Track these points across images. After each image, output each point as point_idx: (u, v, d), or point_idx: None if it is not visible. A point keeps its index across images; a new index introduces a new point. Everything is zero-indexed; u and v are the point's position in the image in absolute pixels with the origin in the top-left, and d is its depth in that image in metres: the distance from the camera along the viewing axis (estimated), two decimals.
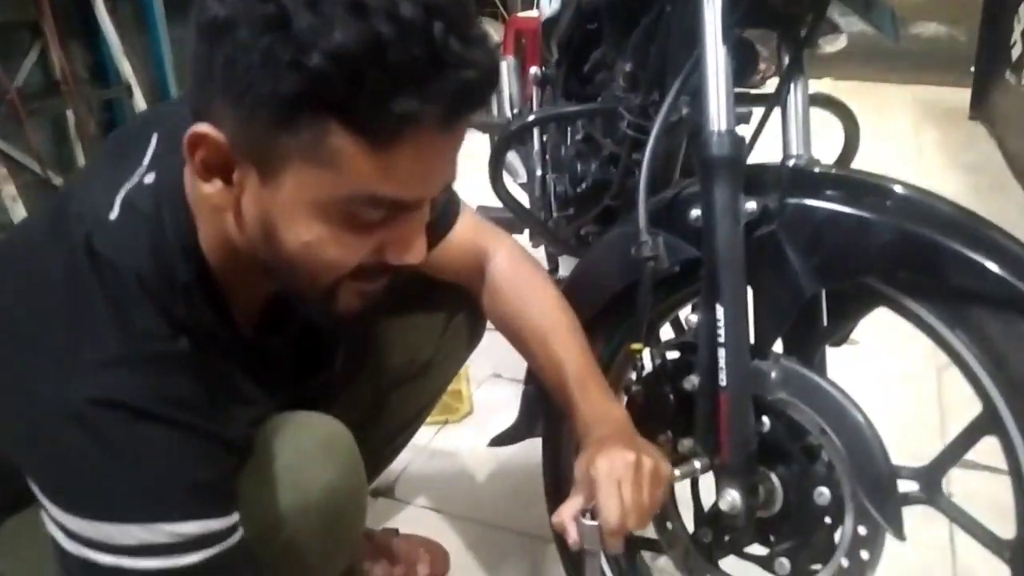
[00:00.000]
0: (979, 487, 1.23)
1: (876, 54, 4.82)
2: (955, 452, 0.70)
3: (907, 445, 0.70)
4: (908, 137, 3.51)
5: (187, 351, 0.63)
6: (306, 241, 0.59)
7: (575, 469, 0.72)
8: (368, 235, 0.60)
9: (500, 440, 1.06)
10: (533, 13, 1.84)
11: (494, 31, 3.85)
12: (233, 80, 0.53)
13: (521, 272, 0.91)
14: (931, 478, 0.71)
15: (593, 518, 0.67)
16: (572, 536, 0.68)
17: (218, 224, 0.64)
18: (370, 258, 0.62)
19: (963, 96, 3.86)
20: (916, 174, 3.01)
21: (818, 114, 1.03)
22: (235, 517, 0.63)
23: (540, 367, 0.86)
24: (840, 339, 0.81)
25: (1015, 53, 3.14)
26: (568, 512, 0.69)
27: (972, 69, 3.76)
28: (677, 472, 0.76)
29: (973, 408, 0.70)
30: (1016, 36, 3.16)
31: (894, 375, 1.63)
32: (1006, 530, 0.69)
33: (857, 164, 1.12)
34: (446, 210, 0.89)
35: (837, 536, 0.74)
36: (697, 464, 0.80)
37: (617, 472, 0.68)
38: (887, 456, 0.70)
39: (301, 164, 0.55)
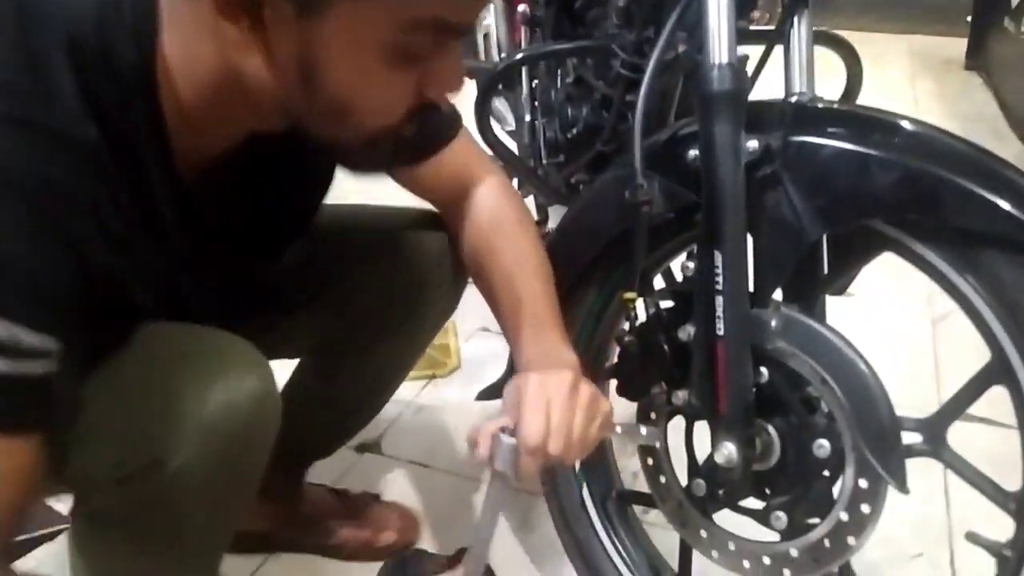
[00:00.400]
0: (975, 439, 1.21)
1: (871, 4, 4.74)
2: (961, 403, 0.68)
3: (902, 398, 0.67)
4: (904, 88, 3.45)
5: (92, 140, 0.53)
6: (355, 82, 0.55)
7: (504, 391, 0.69)
8: (413, 69, 0.56)
9: (488, 394, 1.03)
10: None
11: None
12: None
13: (504, 207, 0.87)
14: (936, 430, 0.68)
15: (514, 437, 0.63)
16: (482, 451, 0.64)
17: (228, 76, 0.56)
18: (412, 98, 0.58)
19: (959, 46, 3.79)
20: None
21: (819, 56, 0.99)
22: (49, 344, 0.52)
23: (499, 303, 0.82)
24: (841, 287, 0.78)
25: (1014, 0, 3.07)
26: (488, 427, 0.65)
27: (969, 18, 3.69)
28: (619, 428, 0.73)
29: (970, 360, 0.68)
30: None
31: (888, 327, 1.61)
32: (1005, 482, 0.67)
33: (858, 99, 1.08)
34: (448, 123, 0.84)
35: (836, 490, 0.71)
36: (643, 431, 0.78)
37: (548, 391, 0.64)
38: (891, 407, 0.67)
39: None
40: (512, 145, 1.54)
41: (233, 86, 0.57)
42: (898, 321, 1.62)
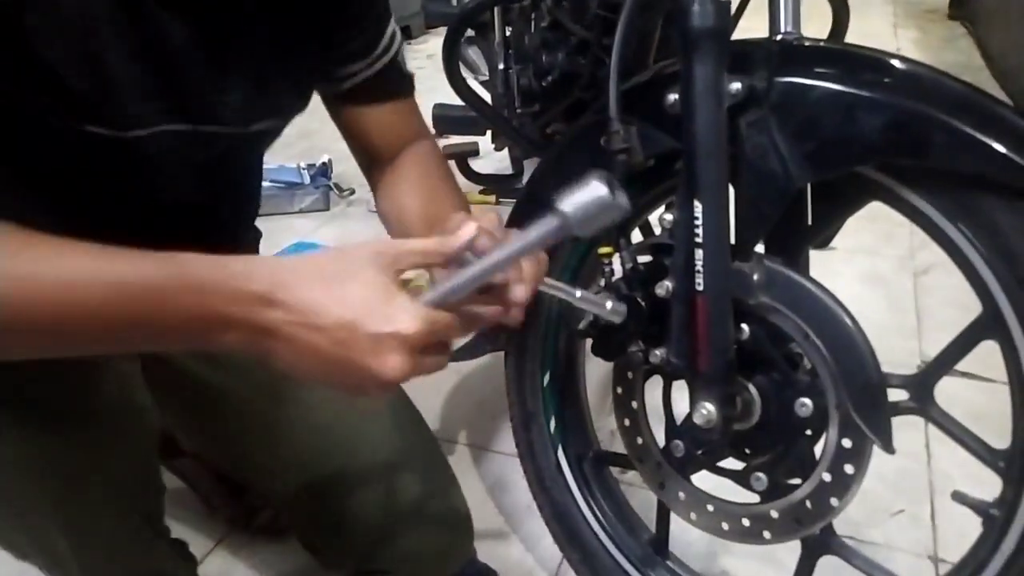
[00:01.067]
0: (960, 394, 1.20)
1: None
2: (949, 358, 0.65)
3: (883, 352, 0.64)
4: (887, 37, 3.41)
5: None
6: None
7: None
8: None
9: (462, 354, 1.00)
10: None
11: None
12: None
13: (441, 166, 0.84)
14: (923, 387, 0.66)
15: None
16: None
17: None
18: None
19: None
20: None
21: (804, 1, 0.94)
22: None
23: (410, 209, 0.78)
24: (825, 240, 0.74)
25: None
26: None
27: None
28: (578, 293, 0.67)
29: (952, 314, 0.65)
30: None
31: (870, 281, 1.59)
32: (990, 439, 0.65)
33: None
34: (406, 81, 0.84)
35: (818, 449, 0.68)
36: (609, 304, 0.69)
37: None
38: (877, 363, 0.64)
39: None
40: (485, 95, 1.49)
41: None
42: (880, 274, 1.60)
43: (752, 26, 0.83)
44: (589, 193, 0.53)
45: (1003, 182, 0.57)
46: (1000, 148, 0.56)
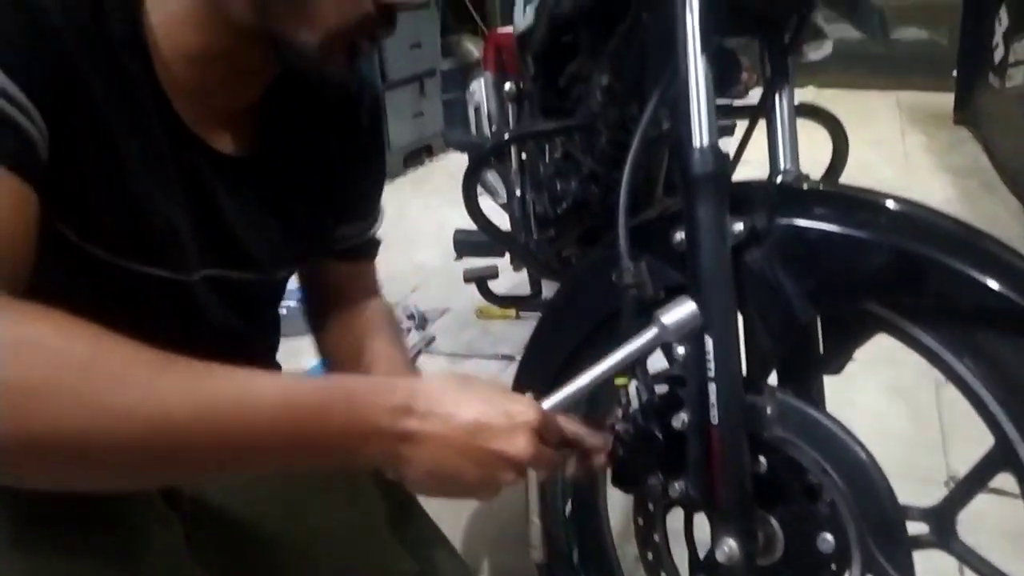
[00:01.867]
0: (989, 512, 1.17)
1: (858, 60, 4.83)
2: (967, 490, 0.65)
3: (909, 468, 0.64)
4: (894, 142, 3.50)
5: (55, 23, 0.56)
6: None
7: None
8: None
9: None
10: (512, 29, 1.80)
11: (474, 46, 3.82)
12: None
13: (397, 329, 0.92)
14: (943, 519, 0.65)
15: None
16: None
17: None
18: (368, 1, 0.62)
19: (947, 100, 3.85)
20: (904, 178, 2.98)
21: (805, 121, 0.98)
22: (29, 105, 0.54)
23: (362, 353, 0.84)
24: (838, 367, 0.76)
25: (997, 56, 3.13)
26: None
27: (954, 73, 3.76)
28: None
29: (976, 426, 0.65)
30: (997, 38, 3.14)
31: (890, 391, 1.58)
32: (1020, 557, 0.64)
33: (845, 169, 1.08)
34: (372, 246, 0.92)
35: None
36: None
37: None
38: (894, 496, 0.64)
39: None
40: (504, 218, 1.55)
41: (213, 30, 0.63)
42: (901, 386, 1.59)
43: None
44: (685, 308, 0.65)
45: (1000, 317, 0.58)
46: (995, 286, 0.58)
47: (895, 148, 3.39)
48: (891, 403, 1.54)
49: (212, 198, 0.70)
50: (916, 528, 0.65)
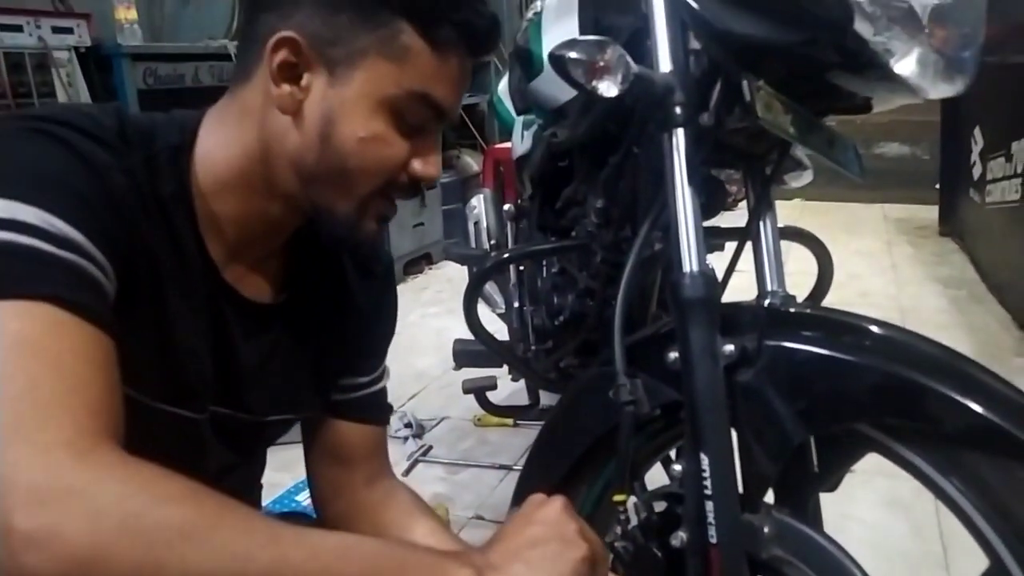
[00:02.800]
0: None
1: (842, 173, 4.99)
2: None
3: None
4: (881, 253, 3.58)
5: (119, 182, 0.62)
6: (362, 137, 0.66)
7: None
8: (408, 140, 0.69)
9: None
10: (510, 144, 1.90)
11: (473, 160, 3.97)
12: None
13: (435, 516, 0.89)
14: None
15: None
16: None
17: (260, 147, 0.68)
18: (399, 173, 0.70)
19: (931, 212, 3.98)
20: (893, 288, 3.04)
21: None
22: (81, 239, 0.57)
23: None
24: (833, 485, 0.77)
25: (975, 172, 3.26)
26: None
27: (937, 186, 3.90)
28: None
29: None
30: (975, 156, 3.29)
31: (889, 504, 1.57)
32: None
33: (834, 279, 1.12)
34: (385, 409, 0.91)
35: None
36: None
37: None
38: None
39: (375, 57, 0.66)
40: (502, 326, 1.58)
41: (258, 155, 0.68)
42: (900, 498, 1.58)
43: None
44: None
45: (985, 441, 0.61)
46: (979, 409, 0.60)
47: (882, 259, 3.47)
48: (890, 516, 1.53)
49: (232, 341, 0.74)
50: None
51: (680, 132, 0.74)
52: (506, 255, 1.34)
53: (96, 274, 0.58)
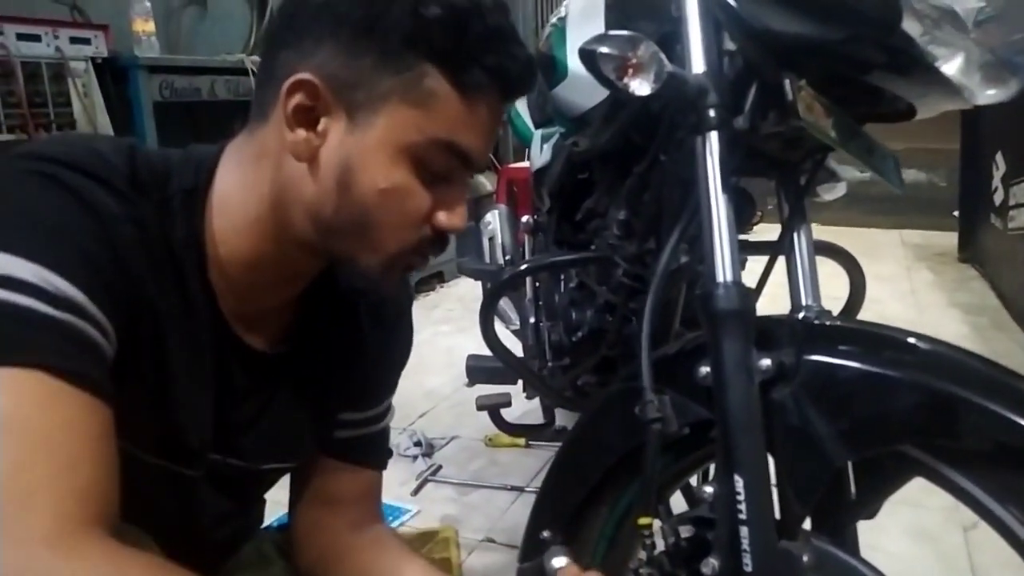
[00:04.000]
0: None
1: (860, 199, 4.96)
2: None
3: None
4: (901, 278, 3.53)
5: (126, 233, 0.58)
6: (383, 188, 0.62)
7: None
8: (432, 190, 0.64)
9: None
10: (525, 164, 1.87)
11: (488, 181, 3.95)
12: (346, 23, 0.60)
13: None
14: None
15: None
16: None
17: (274, 194, 0.64)
18: (426, 224, 0.65)
19: (950, 239, 3.93)
20: (913, 314, 2.99)
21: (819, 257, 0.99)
22: (81, 298, 0.53)
23: None
24: (872, 512, 0.73)
25: (997, 198, 3.21)
26: None
27: (956, 213, 3.85)
28: None
29: (1010, 570, 0.61)
30: (996, 182, 3.24)
31: (916, 535, 1.51)
32: None
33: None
34: (383, 453, 0.87)
35: None
36: None
37: None
38: None
39: (398, 103, 0.61)
40: (517, 345, 1.54)
41: (274, 201, 0.64)
42: (927, 530, 1.53)
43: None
44: None
45: None
46: None
47: (902, 284, 3.42)
48: (918, 547, 1.47)
49: (234, 394, 0.70)
50: None
51: (714, 136, 0.71)
52: (525, 266, 1.30)
53: (95, 336, 0.54)
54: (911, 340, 0.66)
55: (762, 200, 1.37)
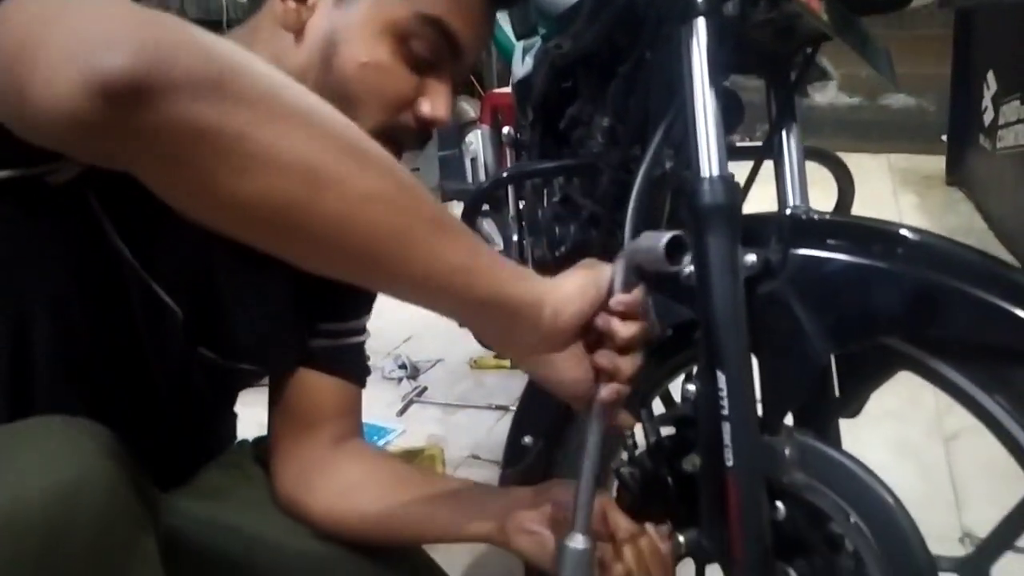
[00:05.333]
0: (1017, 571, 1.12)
1: (848, 125, 4.92)
2: (1003, 538, 0.60)
3: (922, 526, 0.60)
4: (888, 202, 3.52)
5: None
6: (364, 62, 0.63)
7: None
8: (414, 73, 0.65)
9: None
10: (509, 90, 1.81)
11: (470, 107, 3.86)
12: None
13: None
14: (977, 570, 0.61)
15: None
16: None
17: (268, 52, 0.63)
18: (404, 111, 0.65)
19: (938, 163, 3.90)
20: None
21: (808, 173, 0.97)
22: None
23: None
24: (855, 410, 0.72)
25: (987, 118, 3.17)
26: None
27: (944, 137, 3.81)
28: None
29: (990, 482, 0.61)
30: (986, 101, 3.20)
31: (898, 447, 1.53)
32: None
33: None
34: (363, 368, 0.84)
35: None
36: None
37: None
38: (924, 545, 0.60)
39: None
40: None
41: None
42: (909, 442, 1.55)
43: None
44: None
45: None
46: None
47: (889, 208, 3.40)
48: (899, 460, 1.49)
49: (220, 270, 0.69)
50: None
51: (701, 22, 0.67)
52: (505, 174, 1.27)
53: None
54: (902, 232, 0.64)
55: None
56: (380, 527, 0.75)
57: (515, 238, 1.43)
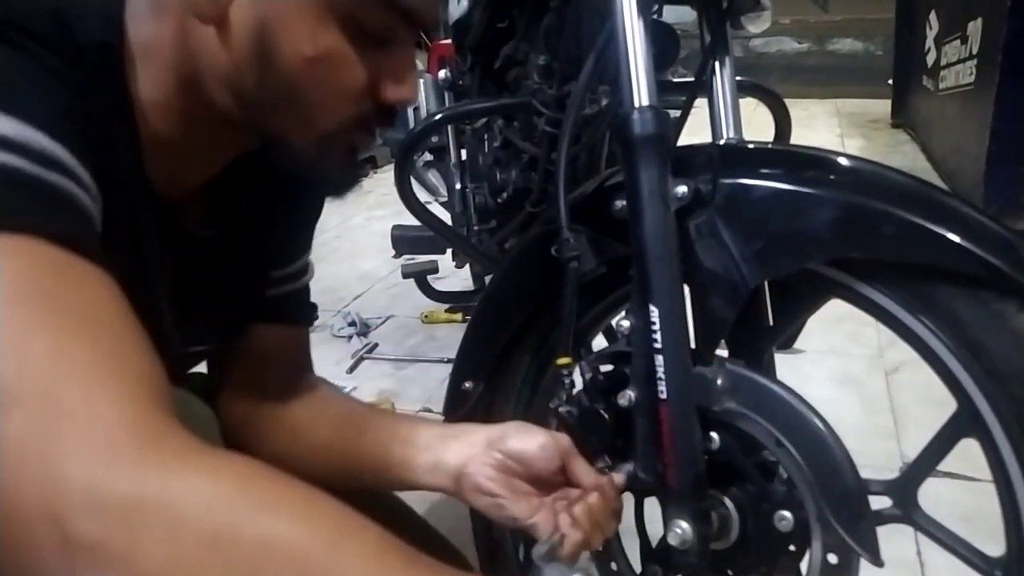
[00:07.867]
0: (946, 496, 1.16)
1: (796, 71, 4.93)
2: (929, 460, 0.61)
3: (862, 455, 0.61)
4: (834, 145, 3.55)
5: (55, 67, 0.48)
6: (311, 56, 0.52)
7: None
8: (369, 55, 0.54)
9: None
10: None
11: (419, 61, 3.77)
12: None
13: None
14: (906, 492, 0.61)
15: None
16: None
17: (185, 64, 0.54)
18: (366, 99, 0.56)
19: (884, 106, 3.95)
20: None
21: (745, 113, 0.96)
22: (65, 157, 0.45)
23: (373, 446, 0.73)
24: (788, 340, 0.72)
25: (930, 59, 3.20)
26: None
27: (890, 81, 3.85)
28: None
29: (929, 411, 0.62)
30: (929, 43, 3.23)
31: (840, 380, 1.57)
32: (983, 544, 0.60)
33: None
34: (310, 310, 0.81)
35: (804, 566, 0.63)
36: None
37: None
38: (855, 469, 0.60)
39: None
40: (446, 216, 1.49)
41: (188, 70, 0.54)
42: (851, 375, 1.58)
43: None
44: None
45: (958, 271, 0.55)
46: (952, 237, 0.55)
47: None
48: (842, 392, 1.52)
49: (168, 278, 0.63)
50: (878, 502, 0.61)
51: None
52: (440, 115, 1.24)
53: (85, 200, 0.46)
54: (835, 159, 0.63)
55: None
56: (331, 466, 0.73)
57: (458, 186, 1.41)
